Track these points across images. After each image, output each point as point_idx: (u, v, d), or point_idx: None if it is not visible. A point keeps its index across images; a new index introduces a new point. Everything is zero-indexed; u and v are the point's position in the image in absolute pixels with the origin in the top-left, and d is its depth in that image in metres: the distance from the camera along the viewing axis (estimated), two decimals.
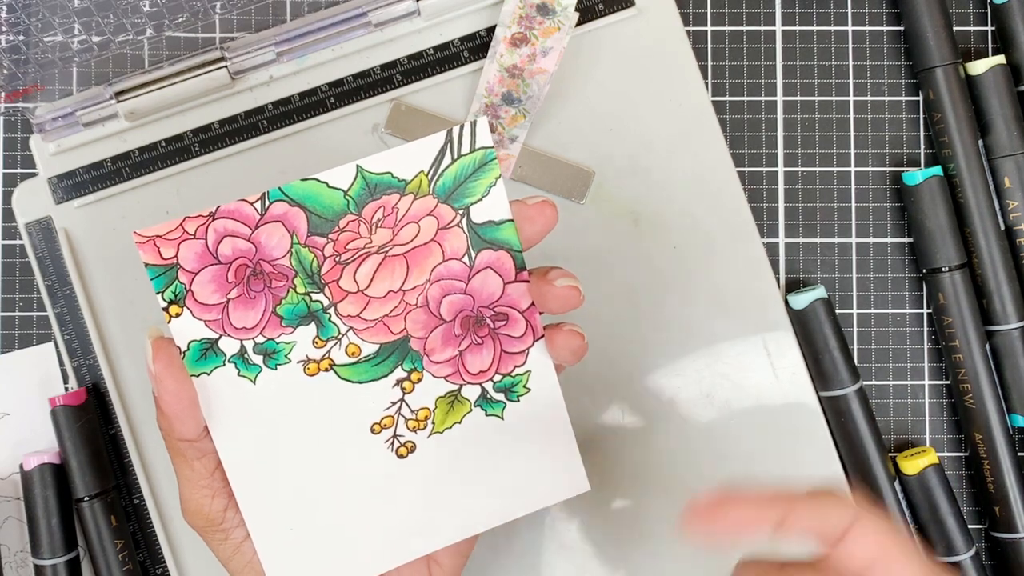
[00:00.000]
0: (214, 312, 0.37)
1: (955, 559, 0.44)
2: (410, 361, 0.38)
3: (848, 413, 0.45)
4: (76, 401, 0.44)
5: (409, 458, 0.39)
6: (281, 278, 0.37)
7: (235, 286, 0.37)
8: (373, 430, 0.38)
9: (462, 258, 0.37)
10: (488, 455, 0.39)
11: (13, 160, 0.47)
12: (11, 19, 0.45)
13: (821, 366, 0.45)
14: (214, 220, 0.36)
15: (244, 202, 0.36)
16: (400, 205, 0.37)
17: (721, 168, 0.46)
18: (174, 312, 0.36)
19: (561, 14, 0.44)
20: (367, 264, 0.37)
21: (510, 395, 0.39)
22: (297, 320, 0.37)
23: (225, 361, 0.37)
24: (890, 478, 0.45)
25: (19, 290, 0.46)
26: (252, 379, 0.37)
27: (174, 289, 0.36)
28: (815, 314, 0.45)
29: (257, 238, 0.36)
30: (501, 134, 0.45)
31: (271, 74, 0.45)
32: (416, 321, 0.38)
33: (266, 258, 0.37)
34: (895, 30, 0.48)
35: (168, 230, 0.36)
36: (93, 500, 0.44)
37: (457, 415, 0.39)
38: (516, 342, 0.39)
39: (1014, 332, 0.45)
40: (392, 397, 0.38)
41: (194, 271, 0.36)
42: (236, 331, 0.37)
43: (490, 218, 0.37)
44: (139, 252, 0.36)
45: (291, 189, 0.36)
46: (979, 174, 0.45)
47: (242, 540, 0.37)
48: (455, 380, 0.38)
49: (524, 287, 0.38)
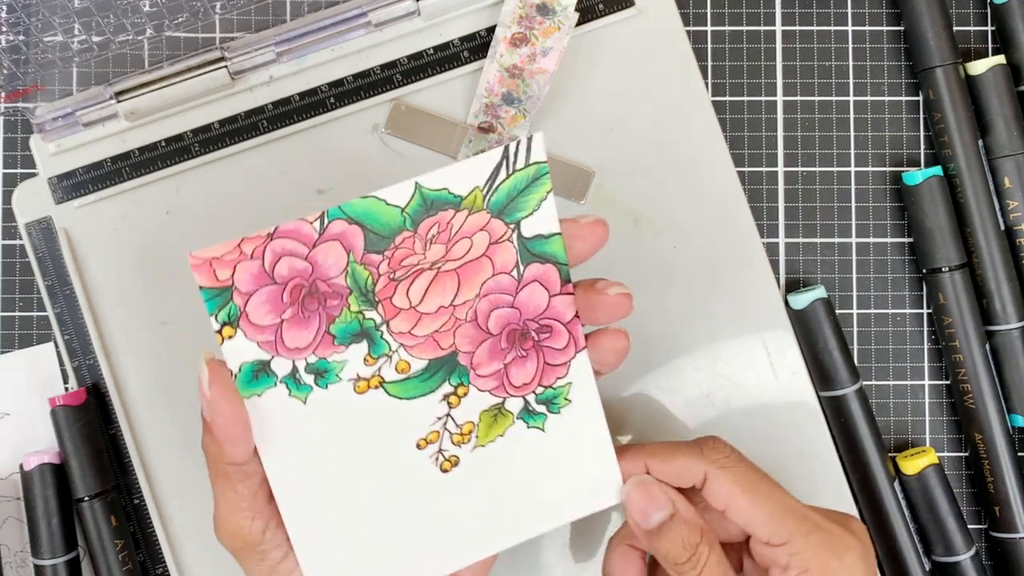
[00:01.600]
0: (267, 333, 0.36)
1: (955, 559, 0.44)
2: (457, 376, 0.38)
3: (848, 413, 0.45)
4: (76, 401, 0.44)
5: (452, 472, 0.39)
6: (336, 297, 0.37)
7: (290, 306, 0.36)
8: (419, 445, 0.38)
9: (511, 272, 0.38)
10: (529, 466, 0.39)
11: (13, 160, 0.47)
12: (11, 19, 0.45)
13: (821, 366, 0.45)
14: (272, 240, 0.35)
15: (303, 221, 0.35)
16: (455, 221, 0.37)
17: (721, 168, 0.46)
18: (227, 334, 0.36)
19: (561, 14, 0.44)
20: (420, 280, 0.37)
21: (552, 407, 0.39)
22: (349, 338, 0.37)
23: (276, 382, 0.37)
24: (890, 478, 0.45)
25: (19, 290, 0.46)
26: (303, 399, 0.37)
27: (228, 311, 0.36)
28: (815, 314, 0.45)
29: (314, 257, 0.36)
30: (501, 134, 0.45)
31: (271, 74, 0.45)
32: (465, 336, 0.38)
33: (322, 277, 0.36)
34: (895, 30, 0.48)
35: (225, 251, 0.35)
36: (93, 500, 0.44)
37: (500, 428, 0.39)
38: (559, 354, 0.39)
39: (1014, 332, 0.45)
40: (438, 412, 0.38)
41: (249, 292, 0.36)
42: (289, 351, 0.37)
43: (539, 232, 0.37)
44: (194, 274, 0.35)
45: (350, 207, 0.36)
46: (979, 174, 0.45)
47: (279, 560, 0.36)
48: (499, 393, 0.39)
49: (568, 299, 0.38)
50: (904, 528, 0.45)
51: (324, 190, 0.45)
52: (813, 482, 0.45)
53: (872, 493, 0.45)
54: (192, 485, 0.45)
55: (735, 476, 0.36)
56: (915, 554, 0.45)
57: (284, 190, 0.45)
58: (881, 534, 0.45)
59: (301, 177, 0.45)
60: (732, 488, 0.36)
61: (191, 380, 0.45)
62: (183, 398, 0.45)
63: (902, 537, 0.44)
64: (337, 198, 0.45)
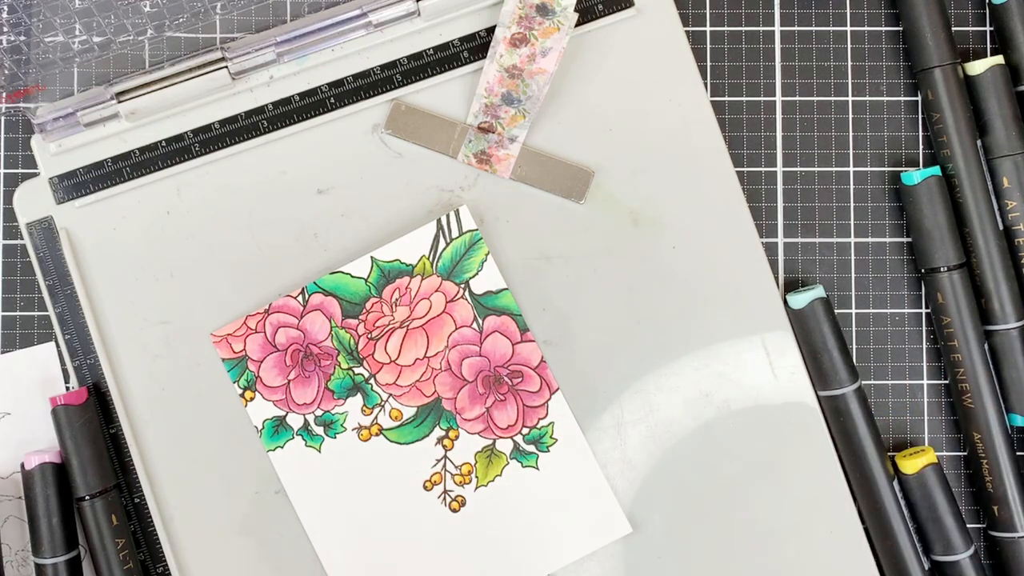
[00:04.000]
0: (279, 392, 0.44)
1: (954, 558, 0.45)
2: (446, 420, 0.44)
3: (847, 413, 0.45)
4: (77, 400, 0.44)
5: (462, 512, 0.44)
6: (327, 357, 0.44)
7: (293, 368, 0.44)
8: (425, 487, 0.44)
9: (471, 325, 0.44)
10: (531, 505, 0.44)
11: (14, 160, 0.47)
12: (12, 19, 0.45)
13: (820, 366, 0.45)
14: (269, 315, 0.44)
15: (289, 297, 0.44)
16: (412, 286, 0.44)
17: (720, 168, 0.46)
18: (248, 397, 0.44)
19: (561, 14, 0.44)
20: (394, 337, 0.44)
21: (540, 446, 0.44)
22: (346, 392, 0.44)
23: (293, 434, 0.44)
24: (889, 477, 0.45)
25: (20, 290, 0.47)
26: (317, 448, 0.44)
27: (246, 377, 0.44)
28: (814, 314, 0.45)
29: (303, 325, 0.44)
30: (501, 134, 0.45)
31: (271, 74, 0.45)
32: (444, 383, 0.44)
33: (313, 342, 0.44)
34: (894, 30, 0.48)
35: (235, 328, 0.44)
36: (94, 499, 0.44)
37: (497, 468, 0.44)
38: (534, 396, 0.44)
39: (1012, 332, 0.45)
40: (436, 455, 0.44)
41: (259, 360, 0.44)
42: (299, 407, 0.44)
43: (488, 288, 0.44)
44: (216, 349, 0.44)
45: (323, 282, 0.44)
46: (977, 174, 0.45)
47: None
48: (488, 435, 0.44)
49: (532, 346, 0.44)
50: (903, 528, 0.45)
51: (324, 190, 0.46)
52: (812, 482, 0.45)
53: (871, 493, 0.45)
54: (192, 484, 0.45)
55: None
56: (914, 554, 0.45)
57: (284, 190, 0.45)
58: (881, 534, 0.45)
59: (301, 177, 0.46)
60: None
61: (191, 379, 0.45)
62: (183, 397, 0.45)
63: (901, 537, 0.45)
64: (337, 198, 0.45)
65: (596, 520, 0.44)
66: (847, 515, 0.45)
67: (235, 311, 0.45)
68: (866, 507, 0.45)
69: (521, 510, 0.44)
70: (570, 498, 0.44)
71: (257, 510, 0.44)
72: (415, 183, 0.45)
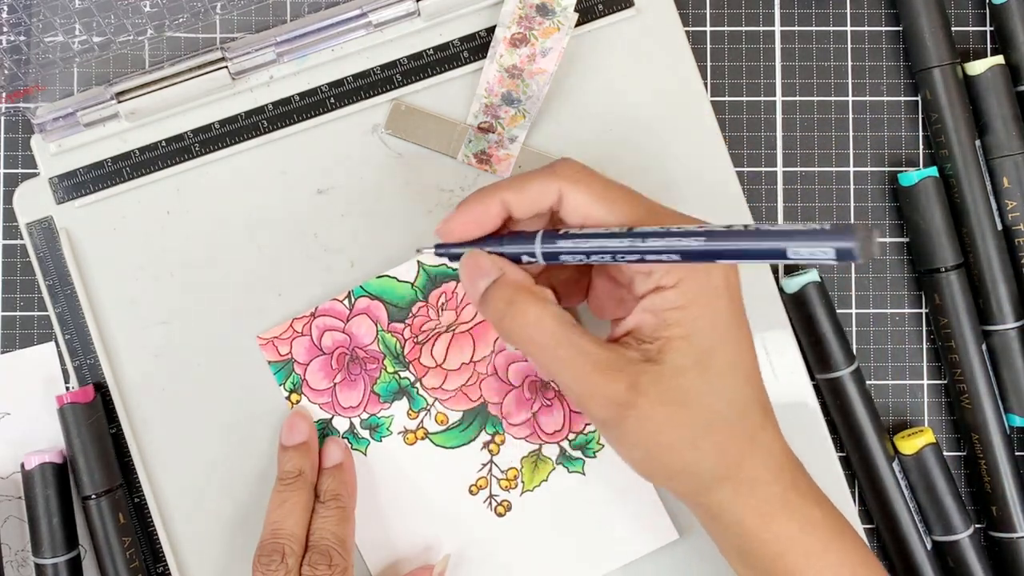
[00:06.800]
0: (325, 396, 0.44)
1: (953, 538, 0.45)
2: (492, 425, 0.44)
3: (845, 395, 0.45)
4: (84, 399, 0.44)
5: (507, 516, 0.44)
6: (373, 361, 0.44)
7: (339, 371, 0.44)
8: (471, 491, 0.44)
9: None
10: (577, 510, 0.44)
11: (14, 160, 0.47)
12: (12, 19, 0.45)
13: (816, 349, 0.45)
14: (315, 318, 0.44)
15: (336, 301, 0.44)
16: (458, 290, 0.44)
17: (720, 168, 0.46)
18: (294, 400, 0.44)
19: (561, 14, 0.44)
20: (440, 342, 0.44)
21: (587, 452, 0.44)
22: (392, 396, 0.44)
23: (340, 438, 0.44)
24: (888, 458, 0.45)
25: (20, 290, 0.47)
26: (363, 451, 0.44)
27: (292, 380, 0.44)
28: (808, 297, 0.45)
29: (350, 329, 0.44)
30: (501, 134, 0.45)
31: (271, 74, 0.45)
32: (490, 388, 0.44)
33: (359, 345, 0.44)
34: (893, 30, 0.48)
35: (282, 331, 0.44)
36: (100, 498, 0.44)
37: (543, 473, 0.44)
38: None
39: (1011, 332, 0.45)
40: (482, 459, 0.44)
41: (305, 363, 0.44)
42: (344, 410, 0.44)
43: None
44: (262, 352, 0.44)
45: (369, 286, 0.44)
46: (976, 174, 0.45)
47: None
48: (534, 440, 0.44)
49: None
50: (905, 508, 0.45)
51: (324, 190, 0.46)
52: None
53: (872, 473, 0.45)
54: (193, 483, 0.45)
55: (588, 187, 0.36)
56: (916, 534, 0.45)
57: (284, 190, 0.45)
58: (883, 514, 0.45)
59: (301, 177, 0.45)
60: (586, 199, 0.36)
61: (191, 379, 0.45)
62: (184, 397, 0.45)
63: (903, 517, 0.45)
64: (337, 198, 0.45)
65: (642, 526, 0.44)
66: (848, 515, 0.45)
67: (235, 311, 0.45)
68: (868, 488, 0.45)
69: (567, 515, 0.44)
70: (616, 504, 0.44)
71: (258, 510, 0.44)
72: (415, 183, 0.45)
